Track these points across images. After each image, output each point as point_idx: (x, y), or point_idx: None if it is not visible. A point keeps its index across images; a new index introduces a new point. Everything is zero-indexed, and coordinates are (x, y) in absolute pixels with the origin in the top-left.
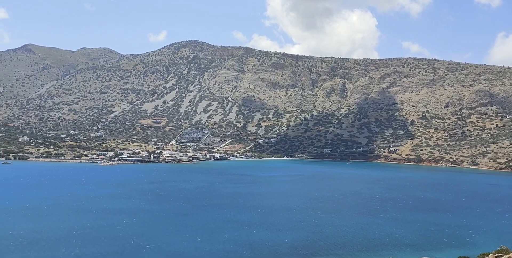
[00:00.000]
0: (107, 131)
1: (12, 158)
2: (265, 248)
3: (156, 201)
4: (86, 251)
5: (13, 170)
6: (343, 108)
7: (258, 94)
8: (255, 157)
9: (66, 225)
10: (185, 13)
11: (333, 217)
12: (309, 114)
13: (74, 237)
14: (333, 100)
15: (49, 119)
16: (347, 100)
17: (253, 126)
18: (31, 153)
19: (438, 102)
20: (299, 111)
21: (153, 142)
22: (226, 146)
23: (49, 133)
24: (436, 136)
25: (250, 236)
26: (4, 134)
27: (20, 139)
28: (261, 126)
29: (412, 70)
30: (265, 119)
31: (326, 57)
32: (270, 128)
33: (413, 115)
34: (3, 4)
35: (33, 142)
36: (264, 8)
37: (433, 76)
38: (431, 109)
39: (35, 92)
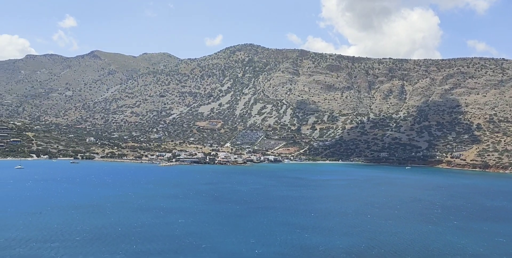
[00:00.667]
0: (166, 133)
1: (80, 157)
2: (317, 253)
3: (211, 202)
4: (144, 248)
5: (80, 169)
6: (401, 110)
7: (312, 96)
8: (309, 160)
9: (126, 222)
10: (240, 17)
11: (390, 224)
12: (366, 117)
13: (133, 234)
14: (390, 103)
15: (113, 121)
16: (406, 103)
17: (307, 129)
18: (97, 153)
19: (507, 105)
20: (354, 114)
21: (209, 144)
22: (280, 149)
23: (113, 135)
24: (505, 141)
25: (302, 240)
26: (73, 135)
27: (87, 140)
28: (316, 129)
29: (478, 71)
30: (319, 121)
31: (383, 58)
32: (325, 131)
33: (479, 118)
34: (71, 13)
35: (99, 143)
36: (318, 9)
37: (502, 76)
38: (499, 112)
39: (101, 96)
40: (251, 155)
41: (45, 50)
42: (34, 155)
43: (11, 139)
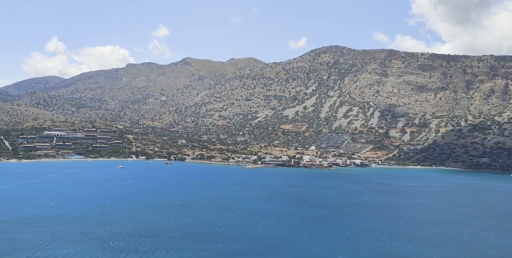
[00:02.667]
0: (252, 135)
1: (172, 159)
2: None
3: (295, 205)
4: (228, 247)
5: (173, 169)
6: (505, 112)
7: (402, 98)
8: (399, 165)
9: (212, 222)
10: (324, 18)
11: (490, 236)
12: (463, 120)
13: (218, 234)
14: (492, 104)
15: (203, 124)
16: (511, 103)
17: (396, 132)
18: (188, 155)
19: None
20: (450, 116)
21: (294, 147)
22: (367, 153)
23: (203, 137)
24: None
25: (390, 248)
26: (167, 138)
27: (179, 142)
28: (406, 132)
29: None
30: (410, 124)
31: (484, 56)
32: (416, 134)
33: None
34: (164, 23)
35: (190, 145)
36: (408, 6)
37: None
38: None
39: (192, 100)
40: (337, 159)
41: (142, 58)
42: (133, 156)
43: (114, 141)
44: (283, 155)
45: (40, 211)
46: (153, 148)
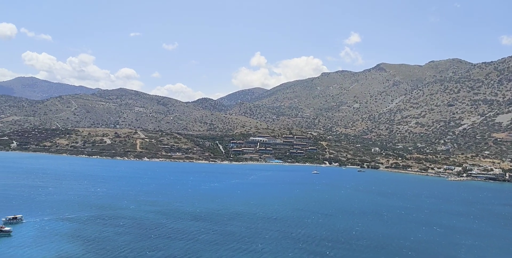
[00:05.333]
0: (455, 145)
1: (365, 166)
2: None
3: (509, 226)
4: None
5: (365, 177)
6: None
7: None
8: None
9: (405, 235)
10: None
11: None
12: None
13: (411, 249)
14: None
15: (397, 132)
16: None
17: None
18: (382, 163)
19: None
20: None
21: (509, 159)
22: None
23: (397, 145)
24: None
25: None
26: (360, 145)
27: (372, 150)
28: None
29: None
30: None
31: None
32: None
33: None
34: (356, 30)
35: (383, 153)
36: None
37: None
38: None
39: (386, 107)
40: None
41: (334, 66)
42: (326, 162)
43: (309, 147)
44: (495, 168)
45: (245, 208)
46: (346, 155)
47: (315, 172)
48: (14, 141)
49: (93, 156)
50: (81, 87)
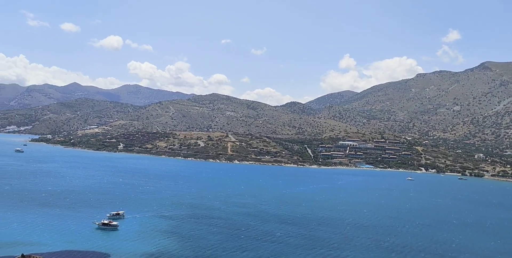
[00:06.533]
0: None
1: (468, 174)
2: None
3: None
4: None
5: (467, 185)
6: None
7: None
8: None
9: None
10: None
11: None
12: None
13: None
14: None
15: (506, 136)
16: None
17: None
18: (487, 171)
19: None
20: None
21: None
22: None
23: (505, 152)
24: None
25: None
26: (460, 151)
27: (475, 156)
28: None
29: None
30: None
31: None
32: None
33: None
34: (455, 27)
35: (489, 160)
36: None
37: None
38: None
39: (491, 109)
40: None
41: (430, 67)
42: (422, 169)
43: (403, 152)
44: None
45: (333, 213)
46: (445, 161)
47: (410, 178)
48: (121, 143)
49: (188, 158)
50: (178, 93)
